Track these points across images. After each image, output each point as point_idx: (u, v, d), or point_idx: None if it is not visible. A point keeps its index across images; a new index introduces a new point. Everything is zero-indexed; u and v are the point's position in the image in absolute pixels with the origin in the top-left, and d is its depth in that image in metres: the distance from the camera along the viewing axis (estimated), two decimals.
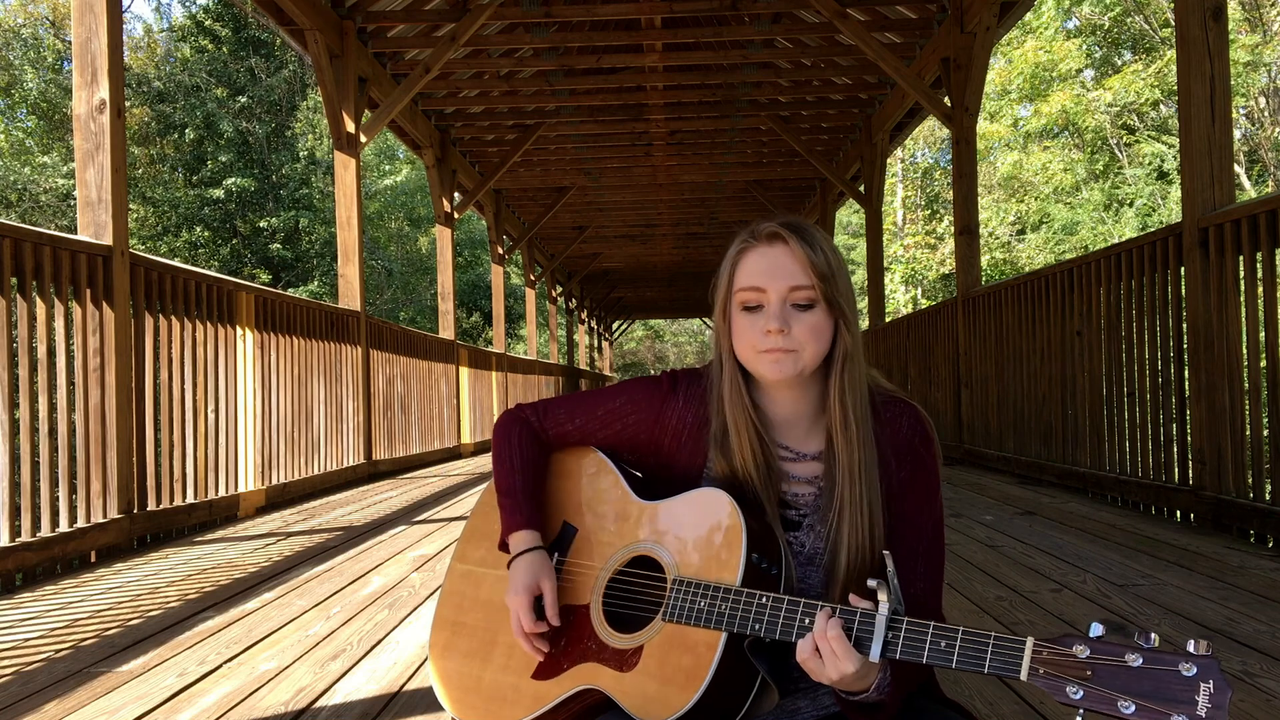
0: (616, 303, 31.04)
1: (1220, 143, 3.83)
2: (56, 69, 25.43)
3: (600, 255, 19.92)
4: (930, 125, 24.26)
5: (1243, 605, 2.53)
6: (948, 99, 7.21)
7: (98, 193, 3.86)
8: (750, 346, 1.18)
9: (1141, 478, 4.40)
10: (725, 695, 1.10)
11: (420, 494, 5.93)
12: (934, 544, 1.21)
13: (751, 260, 1.20)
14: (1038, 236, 21.46)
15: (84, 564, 3.57)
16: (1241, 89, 17.39)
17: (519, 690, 1.22)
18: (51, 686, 2.03)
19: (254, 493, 5.04)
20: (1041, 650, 0.92)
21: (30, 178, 22.71)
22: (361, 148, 7.19)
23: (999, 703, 1.82)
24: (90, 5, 3.88)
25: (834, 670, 1.00)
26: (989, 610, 2.54)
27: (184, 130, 24.19)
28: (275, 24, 6.82)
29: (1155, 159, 19.15)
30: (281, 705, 1.89)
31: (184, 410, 4.45)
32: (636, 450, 1.33)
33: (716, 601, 1.10)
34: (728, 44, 8.68)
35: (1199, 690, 0.84)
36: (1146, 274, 4.36)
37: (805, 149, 10.68)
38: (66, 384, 3.60)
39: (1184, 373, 4.10)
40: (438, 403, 9.36)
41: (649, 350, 53.47)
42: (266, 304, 5.36)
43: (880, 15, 7.88)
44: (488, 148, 11.45)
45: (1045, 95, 20.42)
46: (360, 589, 3.01)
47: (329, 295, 22.81)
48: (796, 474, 1.25)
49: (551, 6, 7.68)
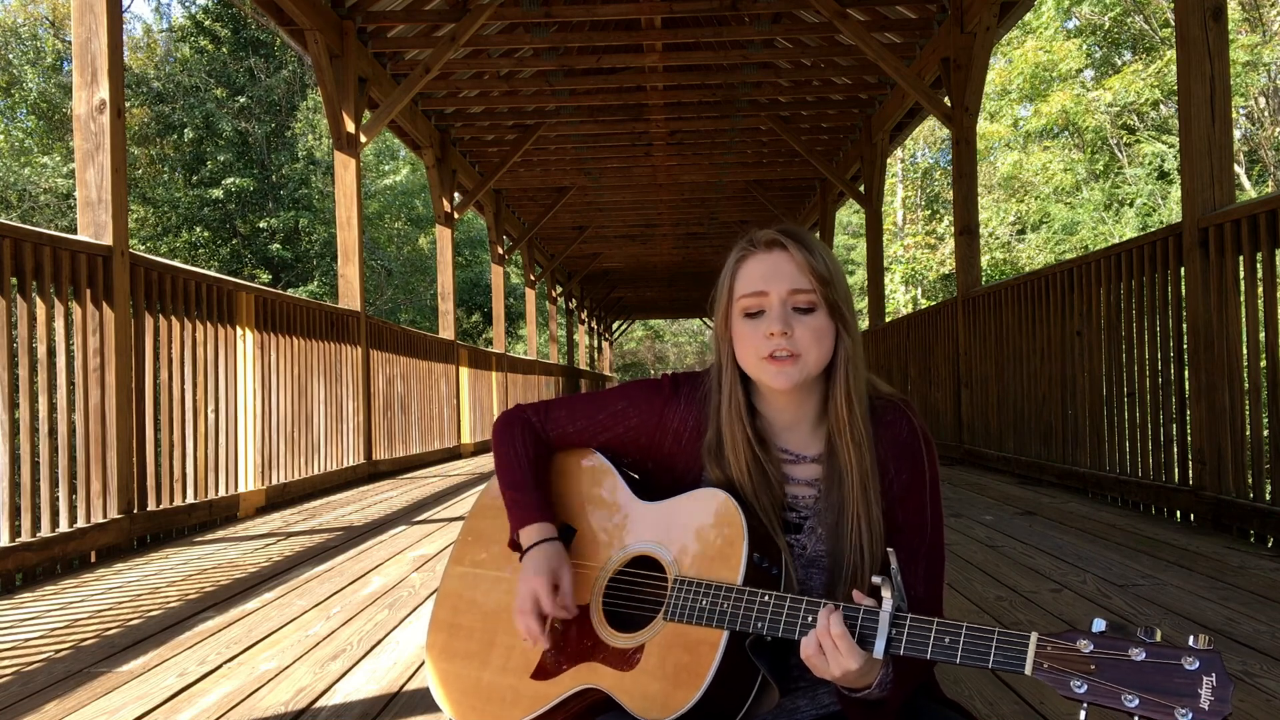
0: (616, 303, 31.04)
1: (1220, 143, 3.83)
2: (56, 69, 25.43)
3: (600, 255, 19.93)
4: (930, 125, 24.26)
5: (1243, 605, 2.53)
6: (948, 99, 7.22)
7: (98, 193, 3.85)
8: (754, 353, 1.18)
9: (1141, 478, 4.40)
10: (727, 694, 1.10)
11: (420, 494, 5.93)
12: (934, 545, 1.22)
13: (751, 267, 1.20)
14: (1038, 236, 21.46)
15: (84, 564, 3.57)
16: (1241, 89, 17.40)
17: (518, 691, 1.22)
18: (51, 686, 2.03)
19: (254, 493, 5.04)
20: (1045, 645, 0.92)
21: (30, 178, 22.70)
22: (361, 148, 7.19)
23: (999, 703, 1.82)
24: (90, 5, 3.88)
25: (837, 667, 1.00)
26: (989, 610, 2.54)
27: (183, 130, 24.18)
28: (275, 24, 6.82)
29: (1155, 159, 19.15)
30: (281, 705, 1.89)
31: (184, 410, 4.45)
32: (637, 452, 1.33)
33: (718, 600, 1.11)
34: (728, 44, 8.68)
35: (1201, 684, 0.85)
36: (1146, 274, 4.36)
37: (805, 149, 10.68)
38: (66, 384, 3.60)
39: (1184, 373, 4.10)
40: (438, 403, 9.36)
41: (649, 350, 53.47)
42: (266, 304, 5.36)
43: (880, 15, 7.88)
44: (488, 148, 11.45)
45: (1045, 95, 20.42)
46: (360, 589, 3.01)
47: (329, 295, 22.81)
48: (797, 476, 1.25)
49: (551, 6, 7.68)
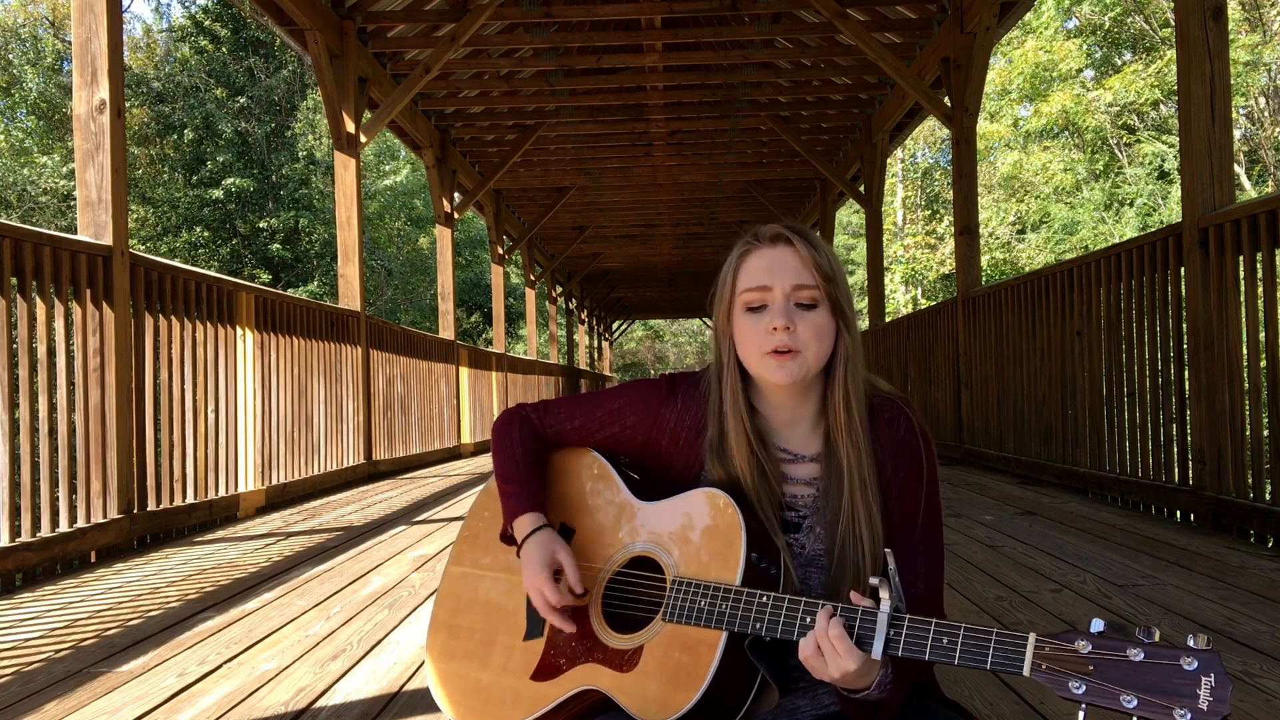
0: (616, 303, 31.04)
1: (1220, 143, 3.83)
2: (56, 69, 25.43)
3: (600, 255, 19.92)
4: (930, 125, 24.26)
5: (1243, 605, 2.53)
6: (948, 99, 7.22)
7: (98, 193, 3.85)
8: (756, 347, 1.18)
9: (1141, 478, 4.40)
10: (726, 694, 1.10)
11: (420, 494, 5.93)
12: (933, 544, 1.21)
13: (755, 261, 1.20)
14: (1038, 236, 21.45)
15: (84, 564, 3.57)
16: (1241, 89, 17.40)
17: (518, 691, 1.22)
18: (51, 686, 2.03)
19: (254, 493, 5.04)
20: (1044, 646, 0.92)
21: (30, 178, 22.69)
22: (361, 148, 7.19)
23: (999, 702, 1.82)
24: (90, 5, 3.88)
25: (836, 668, 1.00)
26: (989, 610, 2.54)
27: (183, 130, 24.18)
28: (275, 24, 6.82)
29: (1155, 159, 19.15)
30: (281, 705, 1.89)
31: (184, 410, 4.44)
32: (635, 452, 1.33)
33: (717, 601, 1.10)
34: (728, 44, 8.67)
35: (1200, 684, 0.85)
36: (1146, 274, 4.36)
37: (805, 149, 10.68)
38: (66, 384, 3.60)
39: (1184, 373, 4.10)
40: (438, 403, 9.36)
41: (649, 350, 53.46)
42: (266, 304, 5.36)
43: (880, 15, 7.88)
44: (488, 148, 11.45)
45: (1045, 95, 20.43)
46: (360, 589, 3.01)
47: (329, 295, 22.80)
48: (795, 475, 1.25)
49: (551, 6, 7.68)
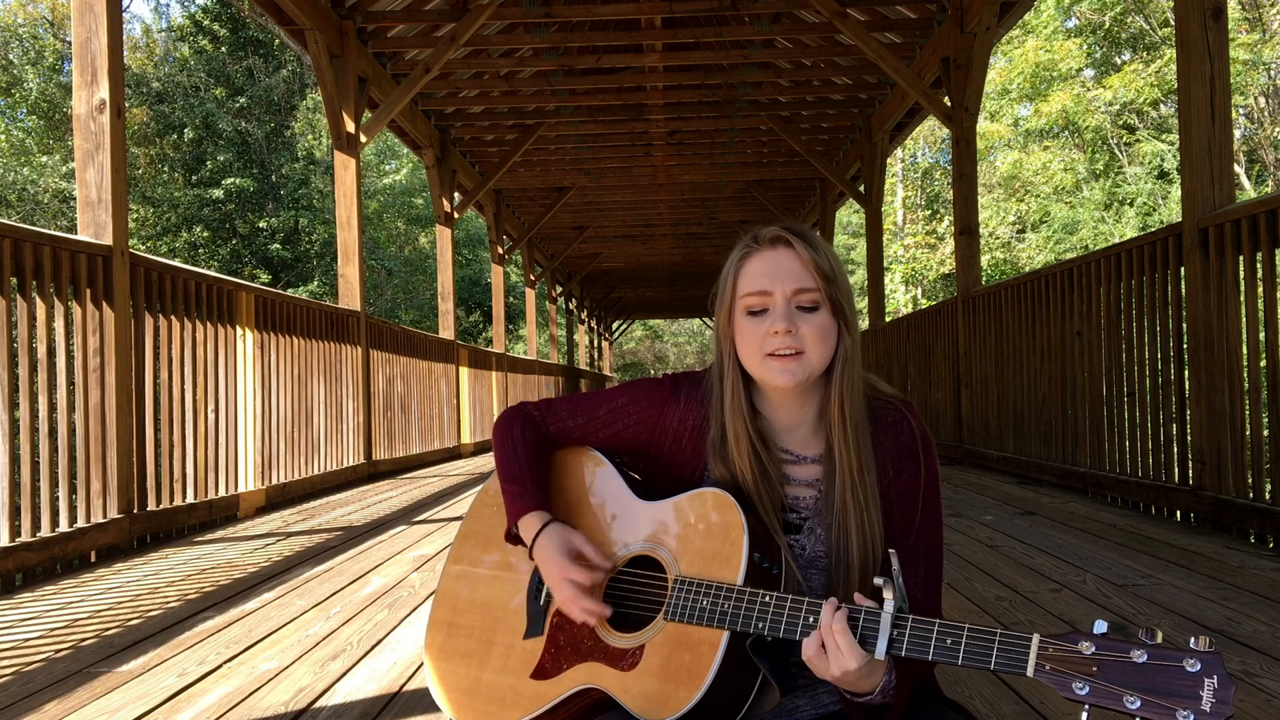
0: (616, 303, 31.04)
1: (1220, 143, 3.83)
2: (56, 69, 25.42)
3: (600, 255, 19.92)
4: (930, 125, 24.25)
5: (1243, 605, 2.53)
6: (948, 99, 7.21)
7: (98, 193, 3.85)
8: (757, 350, 1.17)
9: (1141, 478, 4.40)
10: (727, 693, 1.10)
11: (420, 494, 5.93)
12: (934, 546, 1.21)
13: (755, 264, 1.20)
14: (1038, 236, 21.45)
15: (84, 564, 3.57)
16: (1241, 89, 17.40)
17: (518, 691, 1.22)
18: (51, 686, 2.03)
19: (254, 493, 5.04)
20: (1047, 646, 0.92)
21: (30, 178, 22.69)
22: (361, 148, 7.19)
23: (999, 703, 1.82)
24: (90, 5, 3.88)
25: (837, 667, 1.00)
26: (989, 610, 2.54)
27: (183, 130, 24.17)
28: (275, 24, 6.82)
29: (1155, 158, 19.15)
30: (281, 705, 1.89)
31: (184, 410, 4.44)
32: (636, 451, 1.33)
33: (719, 600, 1.10)
34: (728, 44, 8.68)
35: (1203, 685, 0.85)
36: (1146, 274, 4.36)
37: (805, 149, 10.68)
38: (66, 384, 3.60)
39: (1184, 373, 4.10)
40: (438, 403, 9.36)
41: (649, 350, 53.46)
42: (266, 304, 5.35)
43: (880, 15, 7.88)
44: (488, 148, 11.45)
45: (1045, 95, 20.43)
46: (360, 589, 3.01)
47: (329, 295, 22.79)
48: (797, 477, 1.24)
49: (551, 6, 7.68)
